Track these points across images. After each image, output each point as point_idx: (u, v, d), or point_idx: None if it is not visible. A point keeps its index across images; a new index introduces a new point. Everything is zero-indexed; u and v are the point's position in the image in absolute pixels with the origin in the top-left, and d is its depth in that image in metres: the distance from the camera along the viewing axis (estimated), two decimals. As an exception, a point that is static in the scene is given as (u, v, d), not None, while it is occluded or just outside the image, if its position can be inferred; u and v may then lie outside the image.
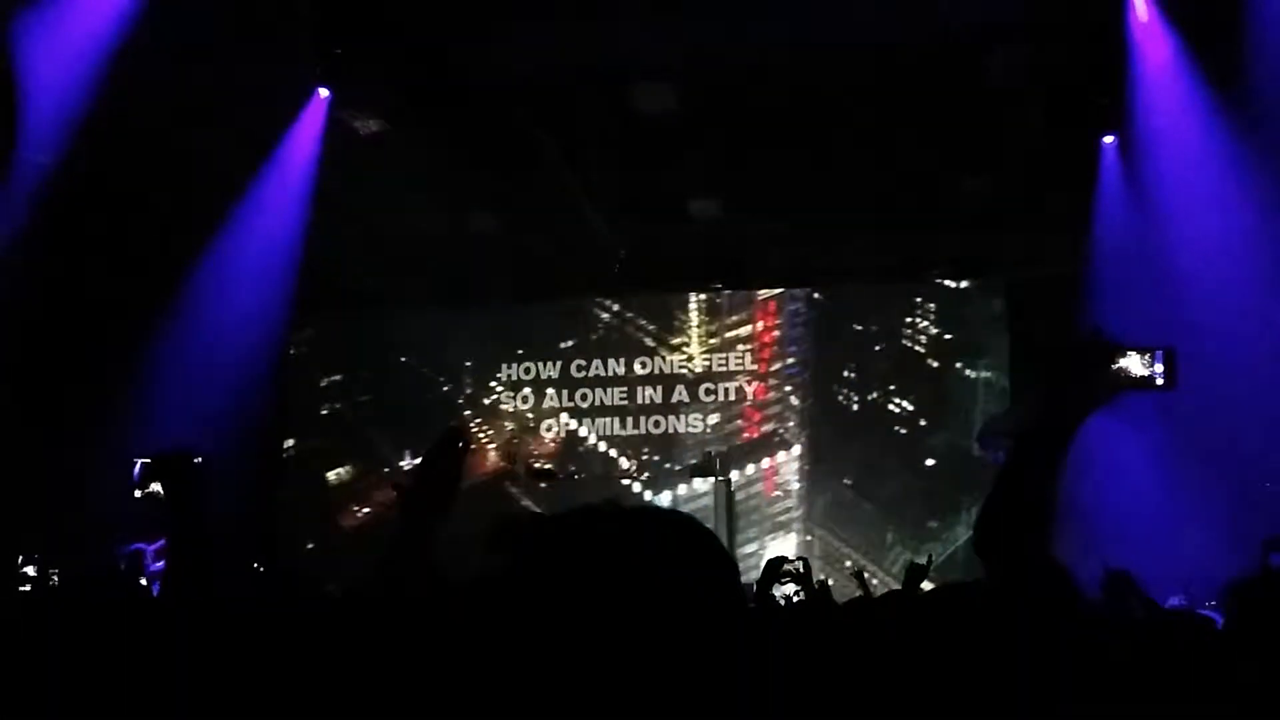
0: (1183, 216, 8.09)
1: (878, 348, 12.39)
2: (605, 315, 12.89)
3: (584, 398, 12.79)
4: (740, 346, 12.61)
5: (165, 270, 9.92)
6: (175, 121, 9.25)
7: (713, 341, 12.68)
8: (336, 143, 9.13)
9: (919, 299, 12.33)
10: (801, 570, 5.19)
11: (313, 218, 9.76)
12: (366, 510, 12.71)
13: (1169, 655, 1.77)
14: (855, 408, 12.36)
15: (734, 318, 12.67)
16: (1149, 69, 7.66)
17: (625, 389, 12.74)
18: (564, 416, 12.83)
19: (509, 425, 12.88)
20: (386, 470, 12.55)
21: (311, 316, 12.30)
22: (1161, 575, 6.41)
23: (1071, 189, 9.39)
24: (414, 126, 9.14)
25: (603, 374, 12.78)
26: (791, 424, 12.53)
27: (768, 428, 12.57)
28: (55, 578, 7.44)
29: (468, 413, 12.93)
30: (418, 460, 2.49)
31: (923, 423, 12.13)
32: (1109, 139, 9.04)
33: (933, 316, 12.32)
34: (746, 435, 12.59)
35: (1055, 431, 1.85)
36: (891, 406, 12.30)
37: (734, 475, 12.02)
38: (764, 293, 12.59)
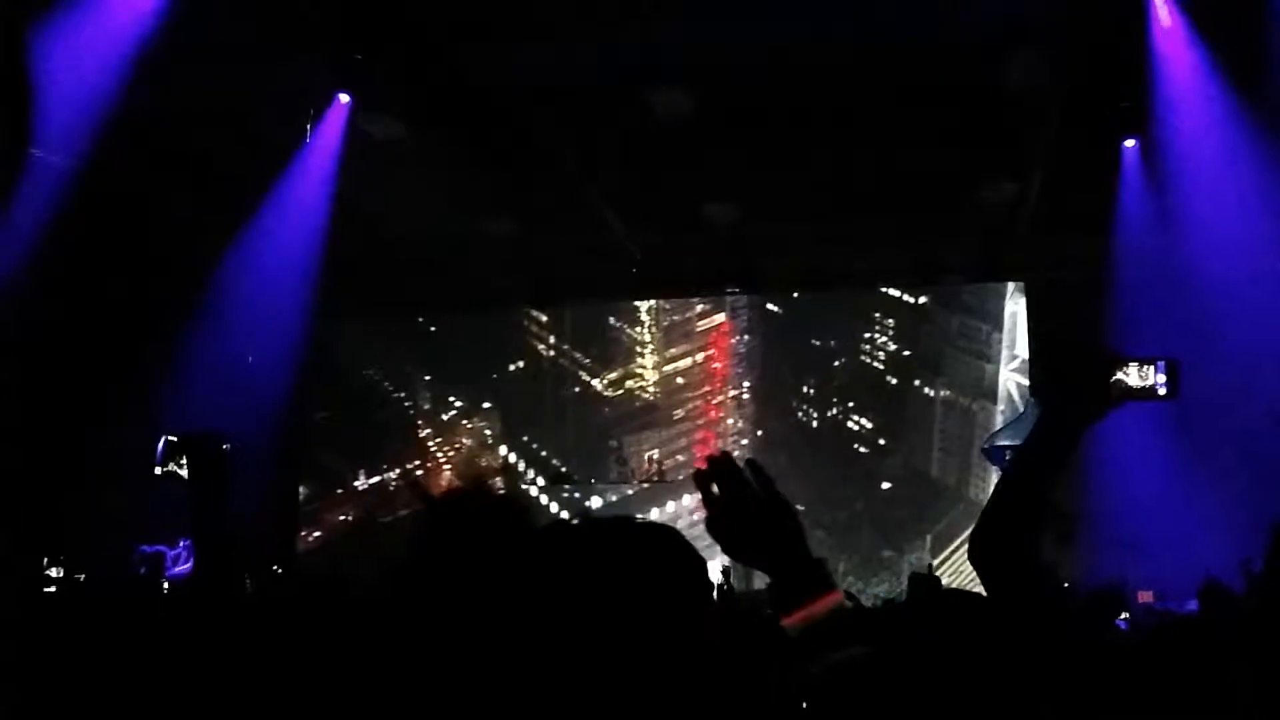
0: (1204, 220, 8.04)
1: (836, 363, 12.25)
2: (547, 344, 12.98)
3: (526, 418, 12.88)
4: (694, 365, 12.54)
5: (185, 273, 9.99)
6: (198, 125, 9.33)
7: (668, 368, 12.61)
8: (355, 147, 9.18)
9: (877, 314, 12.22)
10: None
11: (335, 221, 9.83)
12: (317, 535, 12.64)
13: (1158, 663, 1.77)
14: (815, 424, 12.23)
15: (684, 344, 12.63)
16: (1171, 73, 7.62)
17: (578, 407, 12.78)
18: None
19: (467, 442, 12.86)
20: (340, 491, 12.51)
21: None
22: (1181, 581, 6.36)
23: (1093, 192, 9.35)
24: (432, 131, 9.17)
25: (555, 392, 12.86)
26: (747, 444, 12.36)
27: (726, 448, 12.21)
28: (81, 580, 7.51)
29: (427, 430, 12.87)
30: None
31: (882, 441, 12.01)
32: (1130, 142, 8.99)
33: (891, 332, 12.21)
34: (699, 457, 12.24)
35: (1057, 442, 1.85)
36: (851, 424, 12.19)
37: (685, 499, 11.82)
38: (718, 317, 12.53)
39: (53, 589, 6.82)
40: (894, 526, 11.14)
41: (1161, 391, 2.04)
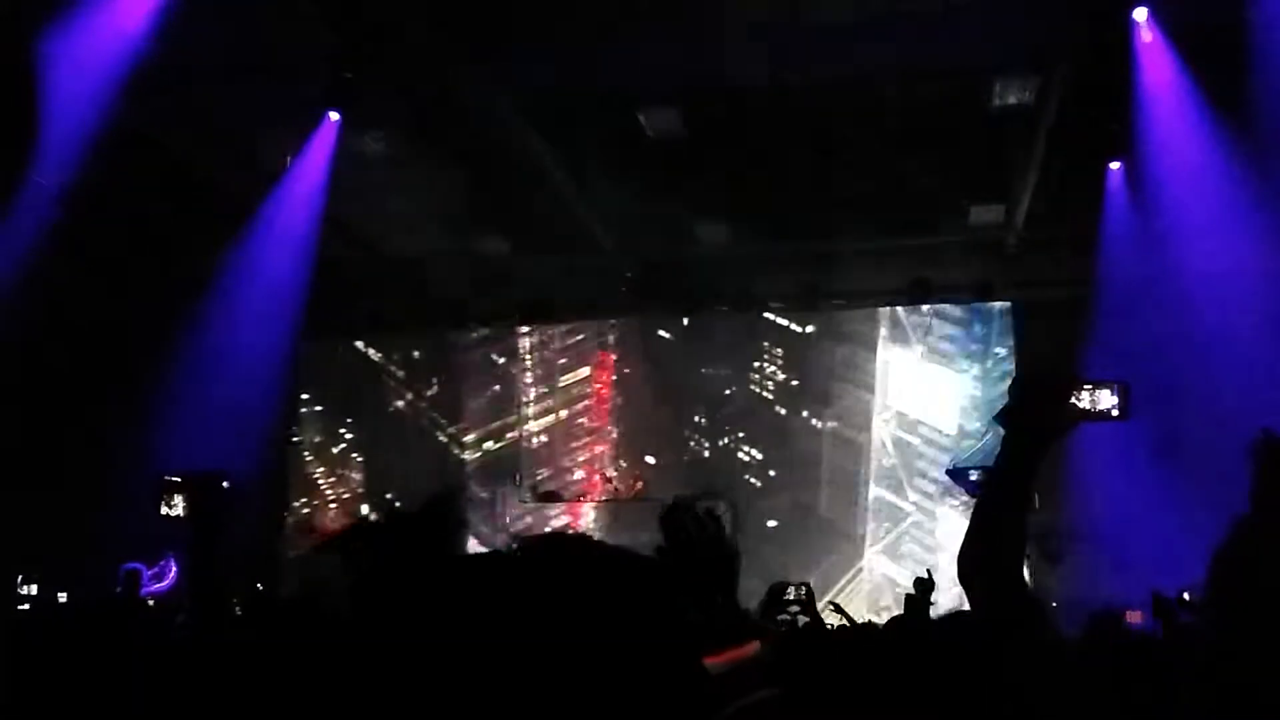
0: (1188, 241, 8.09)
1: (727, 391, 12.19)
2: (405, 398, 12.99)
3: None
4: (578, 403, 12.51)
5: (171, 293, 9.98)
6: (187, 144, 9.36)
7: (549, 401, 12.63)
8: (345, 165, 9.20)
9: (766, 342, 12.14)
10: (805, 596, 5.16)
11: (323, 239, 9.83)
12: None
13: (1135, 676, 1.79)
14: (706, 454, 12.21)
15: (568, 375, 12.56)
16: (1156, 96, 7.69)
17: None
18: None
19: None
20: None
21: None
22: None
23: (1079, 213, 9.41)
24: (422, 150, 9.20)
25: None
26: (634, 478, 12.14)
27: (612, 485, 12.24)
28: (62, 598, 7.46)
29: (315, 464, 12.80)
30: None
31: (772, 473, 11.89)
32: (1116, 165, 9.05)
33: (780, 361, 12.17)
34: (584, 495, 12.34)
35: (1016, 465, 1.89)
36: (742, 454, 12.13)
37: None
38: (598, 345, 12.50)
39: (26, 606, 6.79)
40: (776, 569, 10.39)
41: (1114, 413, 2.11)
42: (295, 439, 12.91)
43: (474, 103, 8.55)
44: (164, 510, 2.76)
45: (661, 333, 12.43)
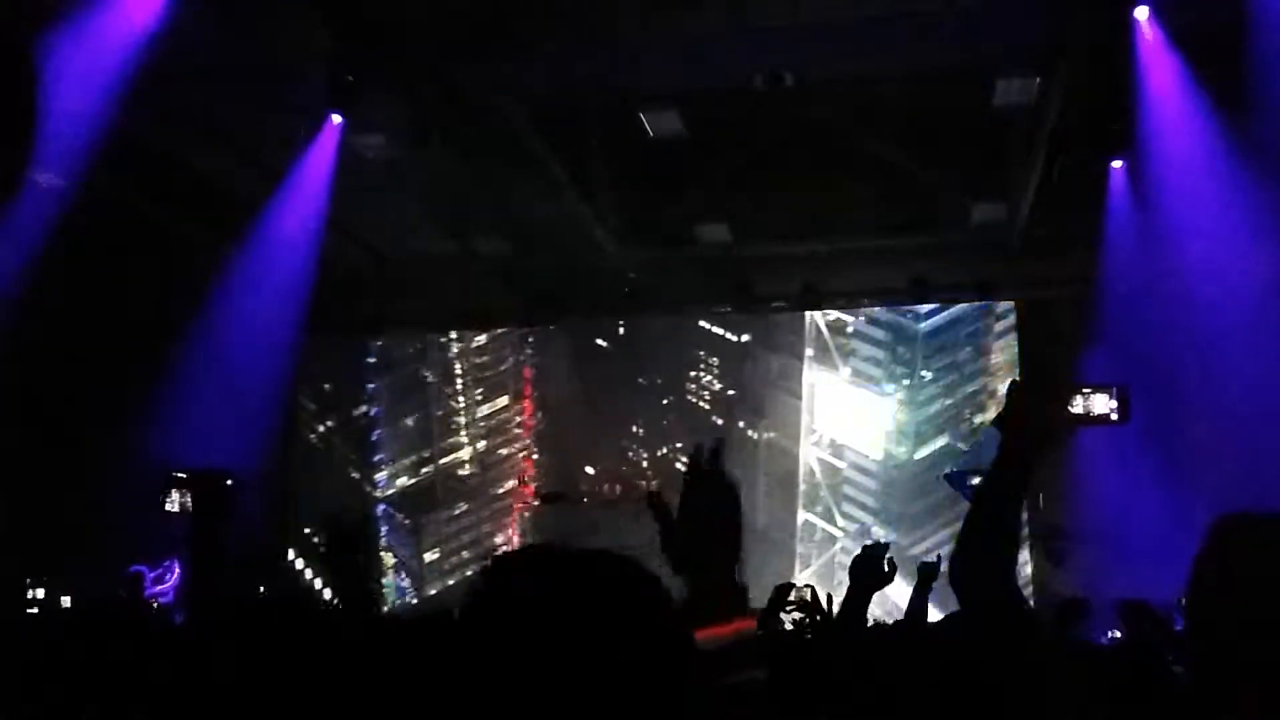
0: (1191, 239, 8.09)
1: (665, 401, 12.13)
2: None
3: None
4: (510, 426, 12.46)
5: (172, 295, 9.99)
6: (189, 146, 9.37)
7: (482, 425, 12.59)
8: (347, 165, 9.20)
9: (702, 351, 12.06)
10: (809, 598, 5.18)
11: (326, 240, 9.84)
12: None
13: (1118, 677, 1.80)
14: (645, 464, 12.11)
15: (495, 392, 12.55)
16: (1157, 94, 7.68)
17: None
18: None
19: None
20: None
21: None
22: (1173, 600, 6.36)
23: (1081, 212, 9.40)
24: (424, 150, 9.20)
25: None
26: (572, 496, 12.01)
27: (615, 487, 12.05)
28: (65, 602, 7.48)
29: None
30: None
31: None
32: (1118, 163, 9.04)
33: (716, 370, 12.09)
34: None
35: (1012, 470, 1.89)
36: (680, 465, 11.96)
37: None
38: (527, 359, 12.50)
39: (34, 610, 6.80)
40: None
41: (1114, 417, 2.10)
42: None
43: (475, 103, 8.55)
44: (167, 506, 2.77)
45: (600, 341, 12.38)
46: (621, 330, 12.31)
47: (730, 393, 12.01)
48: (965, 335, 11.55)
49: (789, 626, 5.10)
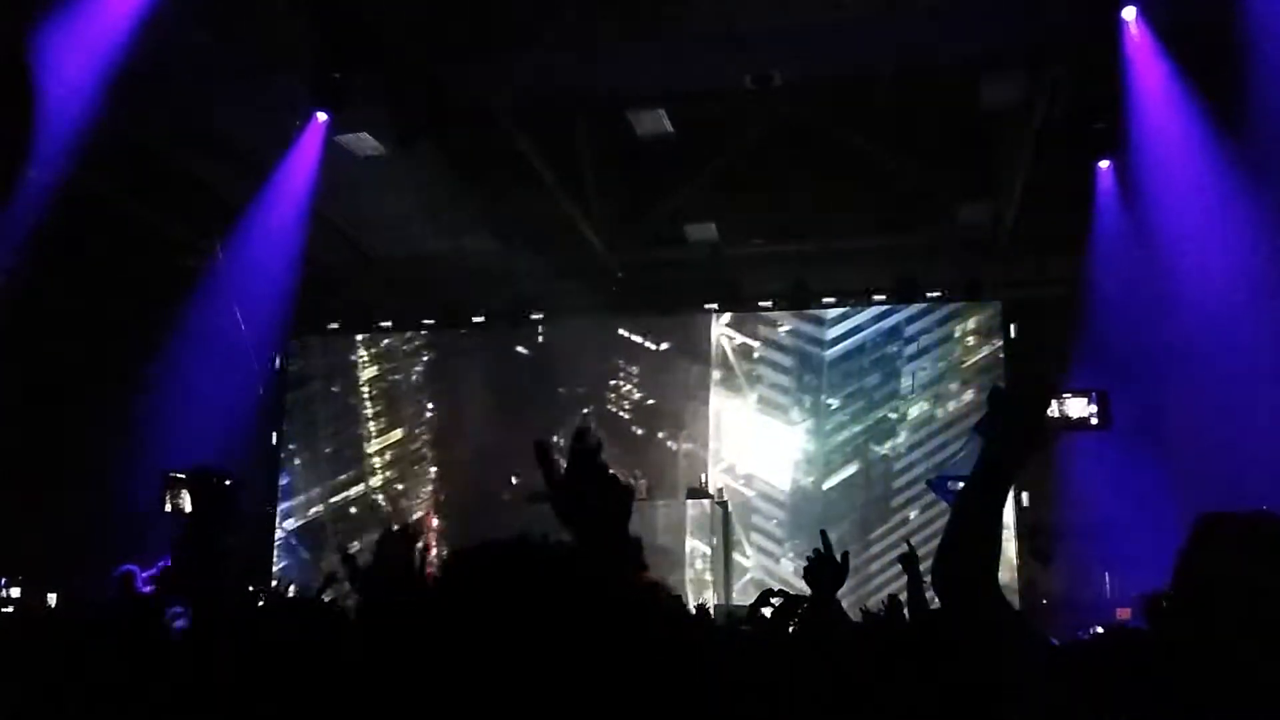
0: (1178, 239, 8.13)
1: (585, 411, 12.05)
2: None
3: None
4: (415, 451, 12.39)
5: (161, 292, 9.94)
6: (176, 143, 9.32)
7: (389, 455, 12.52)
8: (334, 165, 9.17)
9: (621, 360, 12.02)
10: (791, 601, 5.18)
11: (311, 239, 9.81)
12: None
13: (1109, 675, 1.80)
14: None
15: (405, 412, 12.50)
16: (1145, 94, 7.71)
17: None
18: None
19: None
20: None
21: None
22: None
23: (1069, 212, 9.44)
24: (411, 148, 9.17)
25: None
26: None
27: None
28: (52, 601, 7.43)
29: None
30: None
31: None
32: (1105, 163, 9.08)
33: (636, 380, 12.06)
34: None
35: (994, 474, 1.89)
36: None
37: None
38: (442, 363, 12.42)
39: (9, 609, 6.75)
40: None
41: (1094, 422, 2.11)
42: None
43: (463, 103, 8.54)
44: (167, 507, 2.75)
45: (520, 349, 12.36)
46: (540, 338, 12.30)
47: (649, 402, 11.95)
48: (871, 363, 11.55)
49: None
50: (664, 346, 11.97)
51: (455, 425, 12.26)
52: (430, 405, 12.56)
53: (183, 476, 2.86)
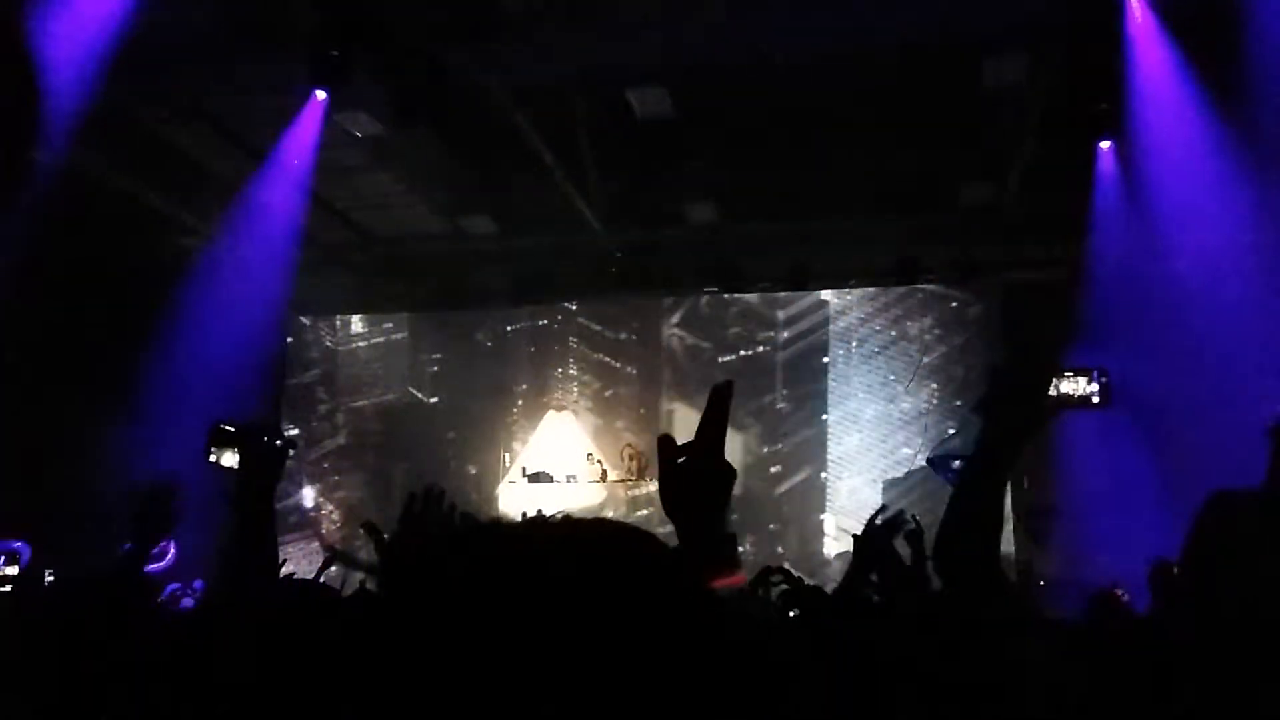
0: (1179, 221, 8.11)
1: (544, 399, 12.26)
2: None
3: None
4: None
5: (160, 272, 9.92)
6: (172, 121, 9.27)
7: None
8: (333, 144, 9.13)
9: (575, 356, 12.20)
10: (791, 577, 5.23)
11: (311, 218, 9.79)
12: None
13: (1112, 657, 1.81)
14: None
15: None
16: (1146, 75, 7.68)
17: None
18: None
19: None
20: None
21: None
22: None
23: (1069, 194, 9.41)
24: (410, 128, 9.13)
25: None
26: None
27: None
28: (50, 577, 7.43)
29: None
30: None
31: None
32: (1106, 144, 9.05)
33: (594, 370, 12.20)
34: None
35: (999, 454, 1.89)
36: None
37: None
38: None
39: (6, 588, 6.76)
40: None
41: (1095, 400, 2.10)
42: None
43: (462, 82, 8.49)
44: (211, 459, 2.70)
45: (482, 339, 12.40)
46: (510, 329, 12.37)
47: (608, 393, 11.99)
48: (823, 364, 11.53)
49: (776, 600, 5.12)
50: (622, 336, 11.97)
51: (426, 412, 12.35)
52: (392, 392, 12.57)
53: (231, 430, 2.76)
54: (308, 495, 12.59)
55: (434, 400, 12.43)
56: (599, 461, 12.08)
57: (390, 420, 12.61)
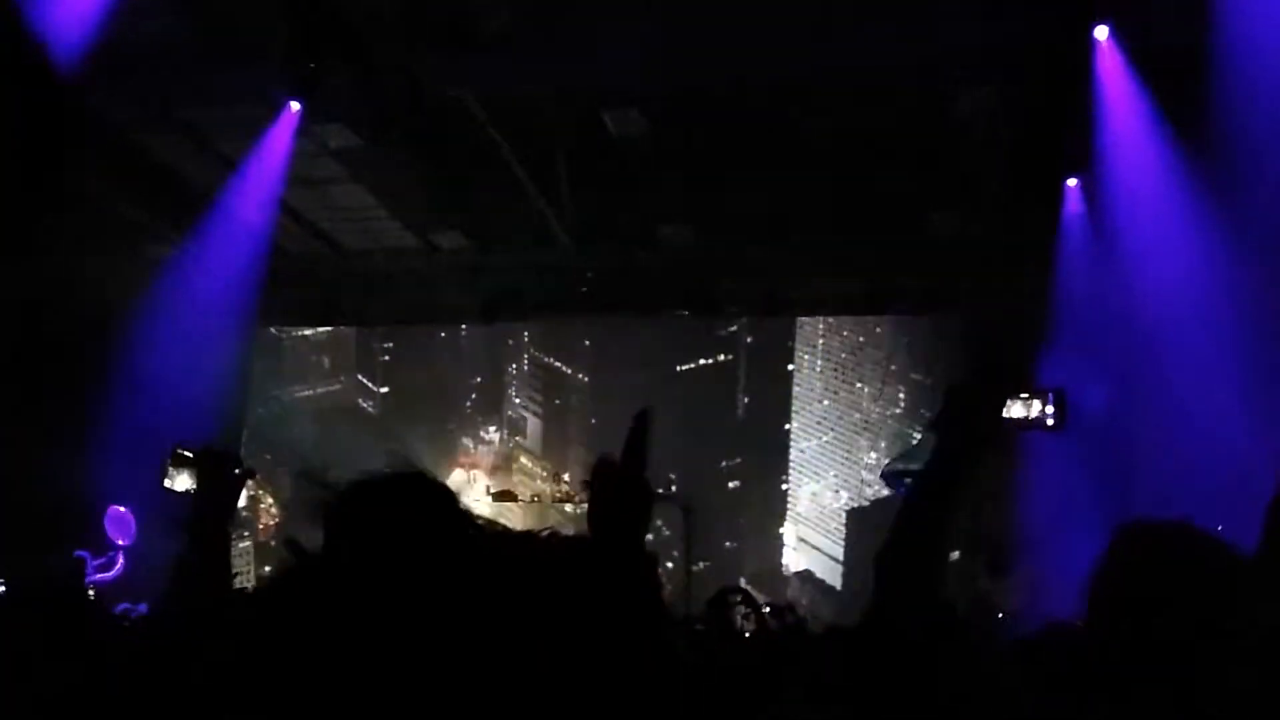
0: (1144, 258, 8.20)
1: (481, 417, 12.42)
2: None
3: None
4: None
5: (128, 280, 9.81)
6: (144, 131, 9.21)
7: None
8: (306, 155, 9.09)
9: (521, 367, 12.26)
10: (746, 599, 5.22)
11: (281, 229, 9.72)
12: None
13: (1045, 673, 1.82)
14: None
15: None
16: (1115, 113, 7.78)
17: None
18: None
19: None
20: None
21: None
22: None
23: (1036, 227, 9.50)
24: (384, 143, 9.11)
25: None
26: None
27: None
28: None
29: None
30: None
31: None
32: (1073, 181, 9.15)
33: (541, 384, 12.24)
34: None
35: (951, 471, 1.90)
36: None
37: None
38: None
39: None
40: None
41: (1050, 422, 2.12)
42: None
43: (437, 98, 8.49)
44: (166, 483, 2.64)
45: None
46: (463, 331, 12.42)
47: (556, 401, 12.08)
48: (787, 371, 11.59)
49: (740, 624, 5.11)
50: (575, 372, 12.01)
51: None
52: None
53: (190, 455, 2.68)
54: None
55: (384, 390, 12.41)
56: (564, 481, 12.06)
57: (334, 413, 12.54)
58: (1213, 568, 1.79)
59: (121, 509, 7.63)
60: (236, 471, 2.44)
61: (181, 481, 2.82)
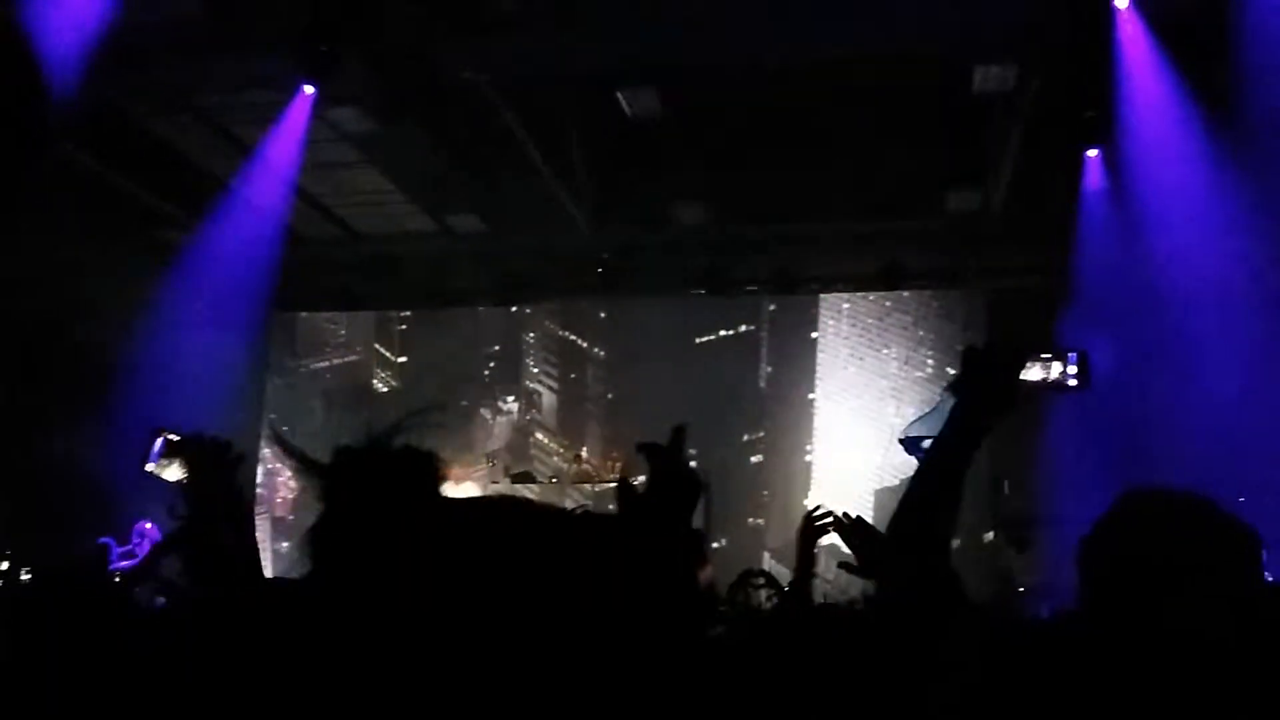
0: (1165, 231, 8.14)
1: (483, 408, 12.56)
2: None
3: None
4: None
5: (143, 266, 9.85)
6: (159, 115, 9.22)
7: None
8: (321, 139, 9.08)
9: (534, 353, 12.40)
10: (770, 580, 5.19)
11: (296, 213, 9.73)
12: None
13: (1050, 654, 1.78)
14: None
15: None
16: (1135, 84, 7.70)
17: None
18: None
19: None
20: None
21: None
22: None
23: (1056, 201, 9.43)
24: (399, 125, 9.09)
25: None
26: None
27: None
28: (26, 574, 7.37)
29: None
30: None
31: None
32: (1094, 153, 9.07)
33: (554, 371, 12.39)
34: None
35: (969, 435, 1.88)
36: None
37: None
38: None
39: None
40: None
41: (1072, 383, 2.10)
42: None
43: (451, 79, 8.46)
44: (148, 467, 2.56)
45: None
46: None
47: (571, 375, 12.08)
48: (811, 339, 11.51)
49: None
50: (587, 344, 12.05)
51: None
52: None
53: (177, 440, 2.57)
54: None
55: (402, 360, 12.47)
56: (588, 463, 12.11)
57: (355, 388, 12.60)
58: (1206, 534, 1.77)
59: (149, 524, 7.68)
60: (230, 455, 2.33)
61: (172, 472, 2.74)
